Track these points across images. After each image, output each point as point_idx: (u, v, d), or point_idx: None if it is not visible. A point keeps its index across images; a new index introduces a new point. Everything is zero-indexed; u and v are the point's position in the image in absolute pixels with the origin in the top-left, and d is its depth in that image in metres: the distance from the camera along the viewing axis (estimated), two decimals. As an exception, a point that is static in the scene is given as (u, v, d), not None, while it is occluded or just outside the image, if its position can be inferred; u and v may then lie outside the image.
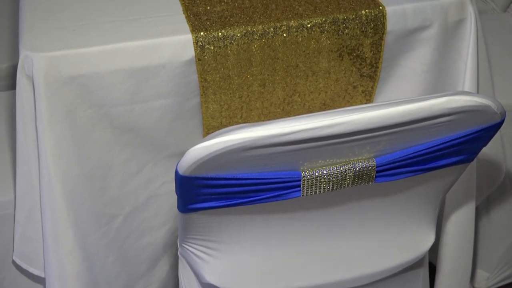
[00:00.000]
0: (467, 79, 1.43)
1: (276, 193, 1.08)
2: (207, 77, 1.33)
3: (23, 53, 1.25)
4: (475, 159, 1.36)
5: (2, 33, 1.87)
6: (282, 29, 1.33)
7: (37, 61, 1.24)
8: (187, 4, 1.37)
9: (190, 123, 1.40)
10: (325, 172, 1.07)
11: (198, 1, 1.37)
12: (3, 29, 1.89)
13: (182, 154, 1.01)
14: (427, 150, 1.09)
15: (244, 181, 1.05)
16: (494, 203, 1.87)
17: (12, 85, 1.78)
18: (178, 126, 1.38)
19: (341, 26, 1.35)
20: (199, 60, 1.30)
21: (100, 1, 1.38)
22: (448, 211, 1.58)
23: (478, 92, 1.46)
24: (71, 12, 1.35)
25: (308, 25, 1.34)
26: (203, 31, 1.30)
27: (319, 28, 1.34)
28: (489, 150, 1.62)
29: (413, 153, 1.09)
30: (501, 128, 1.13)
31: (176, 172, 1.02)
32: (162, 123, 1.37)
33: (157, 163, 1.43)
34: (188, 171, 1.00)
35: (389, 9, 1.37)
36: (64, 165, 1.29)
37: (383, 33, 1.38)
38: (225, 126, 1.42)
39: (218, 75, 1.33)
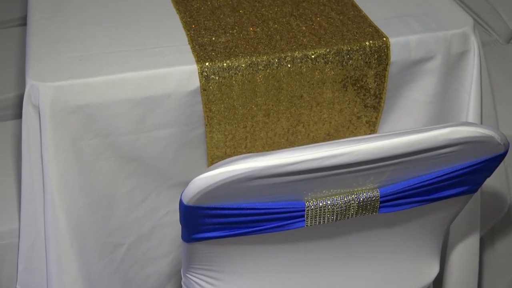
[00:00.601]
0: (470, 110, 1.44)
1: (280, 223, 1.08)
2: (212, 107, 1.34)
3: (30, 82, 1.26)
4: (479, 190, 1.36)
5: (10, 62, 1.88)
6: (286, 60, 1.34)
7: (44, 90, 1.25)
8: (192, 35, 1.38)
9: (195, 153, 1.40)
10: (329, 202, 1.07)
11: (203, 32, 1.39)
12: (10, 58, 1.91)
13: (186, 183, 1.01)
14: (431, 181, 1.10)
15: (248, 211, 1.05)
16: (499, 234, 1.87)
17: (19, 114, 1.79)
18: (182, 155, 1.39)
19: (345, 57, 1.36)
20: (204, 90, 1.31)
21: (106, 32, 1.40)
22: (452, 242, 1.58)
23: (481, 123, 1.47)
24: (78, 42, 1.36)
25: (313, 56, 1.35)
26: (208, 61, 1.31)
27: (323, 59, 1.35)
28: (493, 181, 1.62)
29: (417, 183, 1.09)
30: (504, 159, 1.13)
31: (181, 202, 1.02)
32: (167, 153, 1.37)
33: (162, 192, 1.43)
34: (193, 200, 1.01)
35: (392, 41, 1.38)
36: (69, 195, 1.29)
37: (387, 64, 1.39)
38: (230, 156, 1.42)
39: (223, 105, 1.34)
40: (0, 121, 1.79)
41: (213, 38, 1.37)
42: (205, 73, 1.30)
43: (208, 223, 1.06)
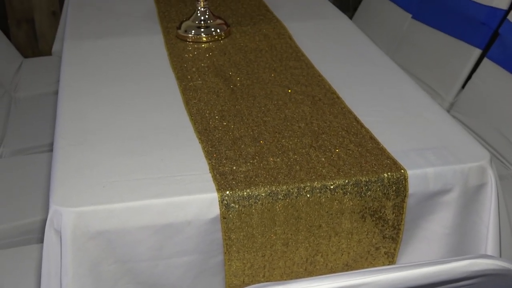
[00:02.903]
0: (489, 243, 1.43)
1: None
2: (231, 235, 1.35)
3: (53, 207, 1.28)
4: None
5: (38, 187, 1.92)
6: (305, 190, 1.36)
7: (66, 215, 1.27)
8: (213, 164, 1.41)
9: (213, 281, 1.40)
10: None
11: (224, 161, 1.42)
12: (38, 183, 1.95)
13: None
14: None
15: None
16: None
17: (43, 238, 1.81)
18: (200, 283, 1.39)
19: (363, 188, 1.38)
20: (224, 218, 1.33)
21: (129, 159, 1.43)
22: None
23: (500, 255, 1.46)
24: (101, 169, 1.40)
25: (331, 187, 1.37)
26: (228, 190, 1.33)
27: (342, 189, 1.37)
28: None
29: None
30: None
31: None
32: (185, 280, 1.37)
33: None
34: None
35: (410, 173, 1.40)
36: (86, 320, 1.29)
37: (405, 196, 1.40)
38: (248, 284, 1.42)
39: (242, 234, 1.35)
40: (25, 244, 1.81)
41: (234, 167, 1.40)
42: (225, 201, 1.32)
43: None
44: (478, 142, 1.51)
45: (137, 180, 1.36)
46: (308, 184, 1.36)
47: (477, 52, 2.28)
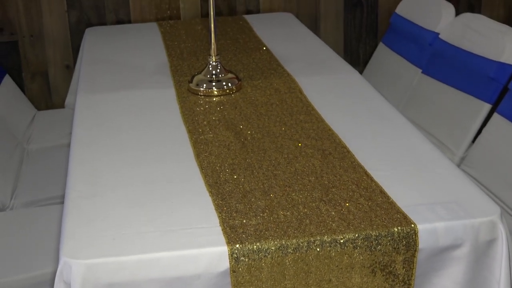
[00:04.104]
0: (500, 298, 1.42)
1: None
2: (240, 289, 1.34)
3: (63, 259, 1.29)
4: None
5: (49, 239, 1.93)
6: (315, 244, 1.36)
7: (76, 267, 1.27)
8: (224, 217, 1.41)
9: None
10: None
11: (234, 214, 1.42)
12: (50, 234, 1.95)
13: None
14: None
15: None
16: None
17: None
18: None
19: (373, 243, 1.38)
20: (234, 272, 1.32)
21: (139, 212, 1.44)
22: None
23: (513, 312, 1.44)
24: (112, 221, 1.40)
25: (341, 241, 1.36)
26: (238, 243, 1.33)
27: (352, 243, 1.37)
28: None
29: None
30: None
31: None
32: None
33: None
34: None
35: (420, 227, 1.39)
36: None
37: (415, 250, 1.40)
38: None
39: None
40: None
41: (244, 221, 1.40)
42: (235, 255, 1.32)
43: None
44: (488, 197, 1.51)
45: (147, 232, 1.37)
46: (318, 238, 1.36)
47: (487, 107, 2.29)
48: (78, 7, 3.02)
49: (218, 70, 2.10)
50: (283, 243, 1.34)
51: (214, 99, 2.05)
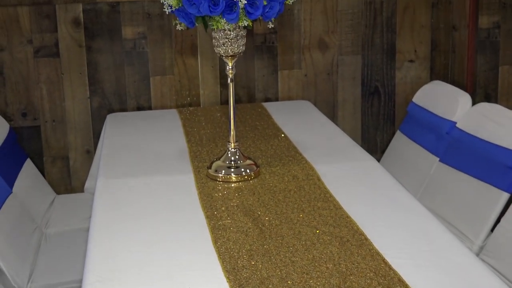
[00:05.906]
0: None
1: None
2: None
3: None
4: None
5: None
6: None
7: None
8: None
9: None
10: None
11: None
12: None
13: None
14: None
15: None
16: None
17: None
18: None
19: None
20: None
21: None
22: None
23: None
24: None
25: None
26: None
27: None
28: None
29: None
30: None
31: None
32: None
33: None
34: None
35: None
36: None
37: None
38: None
39: None
40: None
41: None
42: None
43: None
44: (508, 287, 1.50)
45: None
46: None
47: (505, 195, 2.29)
48: (100, 93, 3.09)
49: (236, 157, 2.13)
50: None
51: (233, 185, 2.06)
